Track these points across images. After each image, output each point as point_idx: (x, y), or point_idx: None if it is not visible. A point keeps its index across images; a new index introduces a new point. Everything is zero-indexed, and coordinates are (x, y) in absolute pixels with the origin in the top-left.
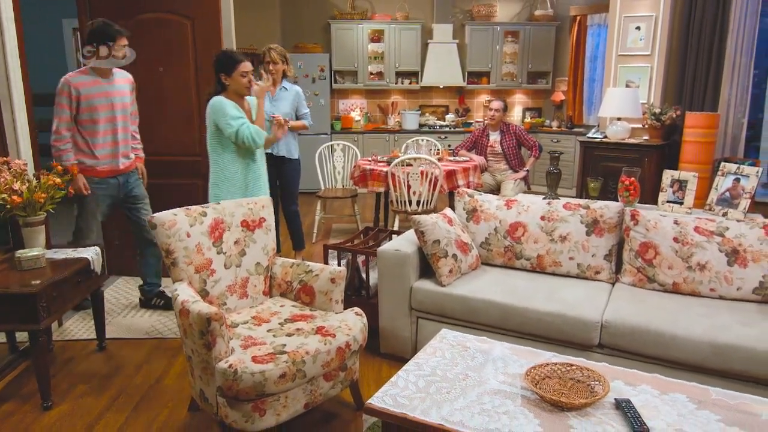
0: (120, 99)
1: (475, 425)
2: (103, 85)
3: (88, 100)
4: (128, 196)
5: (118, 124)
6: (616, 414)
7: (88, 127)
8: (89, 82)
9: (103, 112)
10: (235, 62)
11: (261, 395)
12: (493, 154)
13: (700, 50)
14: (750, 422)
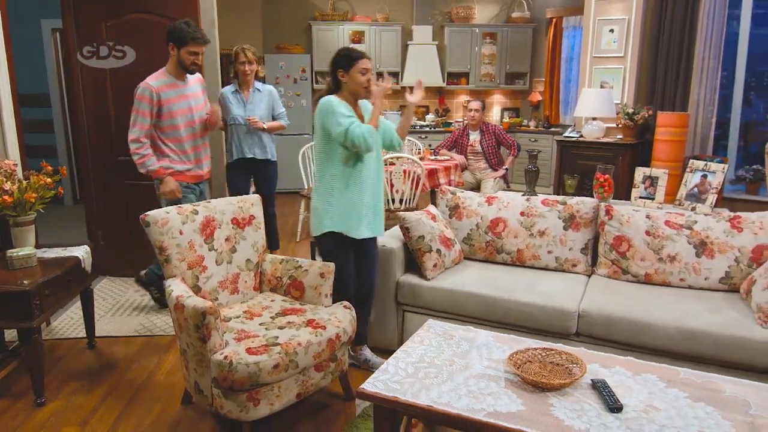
0: (195, 101)
1: (461, 406)
2: (180, 88)
3: (168, 105)
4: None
5: (196, 128)
6: (593, 393)
7: (171, 134)
8: (167, 85)
9: (182, 116)
10: (355, 58)
11: (255, 385)
12: (473, 153)
13: (671, 52)
14: (715, 398)
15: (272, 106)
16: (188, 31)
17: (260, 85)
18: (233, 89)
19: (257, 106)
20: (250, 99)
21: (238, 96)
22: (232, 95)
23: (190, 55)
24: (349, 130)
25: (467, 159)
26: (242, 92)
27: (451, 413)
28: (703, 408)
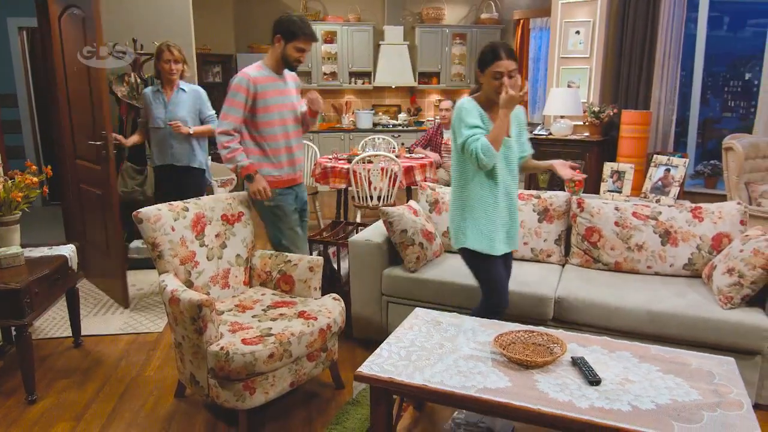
0: (289, 99)
1: (453, 384)
2: (278, 83)
3: (265, 99)
4: (300, 210)
5: (290, 127)
6: (573, 369)
7: (264, 131)
8: (265, 78)
9: (278, 113)
10: (489, 60)
11: (251, 374)
12: (447, 150)
13: (633, 53)
14: (682, 370)
15: (199, 108)
16: (300, 25)
17: (185, 85)
18: (155, 89)
19: (179, 107)
20: (173, 100)
21: (159, 96)
22: (153, 95)
23: (297, 51)
24: (466, 143)
25: (441, 156)
26: (164, 92)
27: (444, 390)
28: (673, 379)
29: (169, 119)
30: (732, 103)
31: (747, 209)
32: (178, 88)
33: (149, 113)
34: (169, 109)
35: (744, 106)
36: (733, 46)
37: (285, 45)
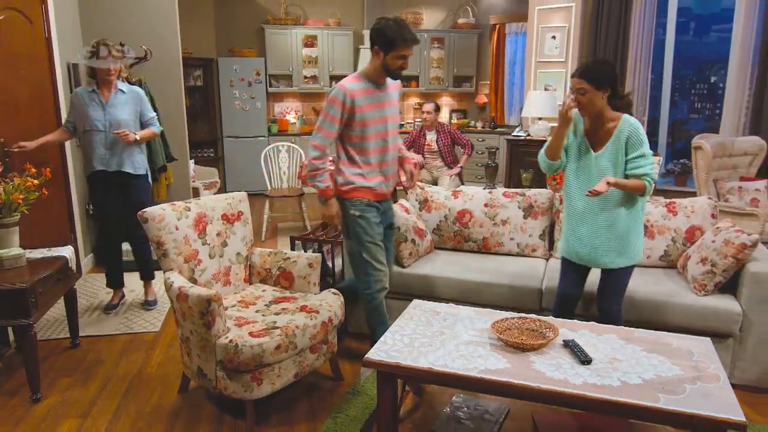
0: (391, 110)
1: (456, 366)
2: (377, 94)
3: (362, 113)
4: (388, 225)
5: (388, 140)
6: (565, 351)
7: (357, 144)
8: (363, 90)
9: (374, 126)
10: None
11: (259, 365)
12: (429, 152)
13: (607, 57)
14: (665, 350)
15: (140, 110)
16: (398, 31)
17: (124, 86)
18: (89, 89)
19: (119, 109)
20: (111, 101)
21: (95, 97)
22: (87, 96)
23: (399, 59)
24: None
25: (424, 158)
26: (101, 93)
27: (449, 372)
28: (656, 357)
29: (109, 122)
30: (698, 105)
31: (717, 204)
32: (116, 89)
33: (83, 115)
34: (108, 111)
35: (710, 107)
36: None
37: (384, 56)
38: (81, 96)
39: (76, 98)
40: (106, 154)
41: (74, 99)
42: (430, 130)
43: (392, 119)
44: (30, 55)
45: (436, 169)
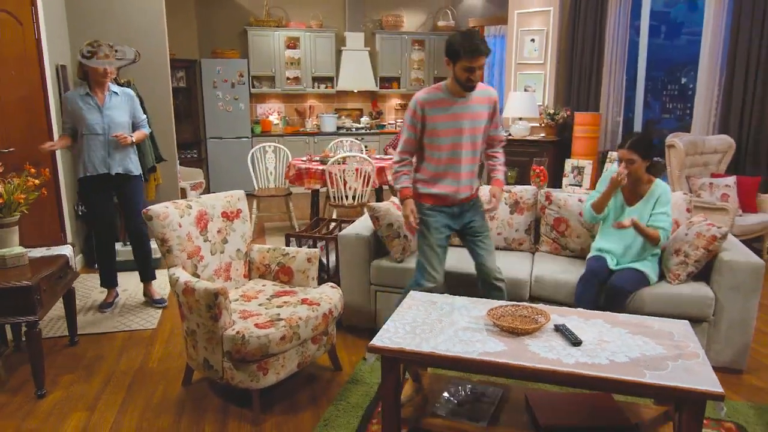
0: (471, 123)
1: (457, 350)
2: (452, 106)
3: (433, 123)
4: (466, 227)
5: (462, 152)
6: (557, 334)
7: (428, 152)
8: (437, 101)
9: (447, 137)
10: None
11: (265, 355)
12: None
13: (583, 59)
14: (648, 332)
15: (133, 112)
16: (462, 42)
17: (116, 88)
18: (83, 92)
19: (116, 111)
20: (107, 104)
21: (90, 100)
22: (81, 99)
23: (465, 71)
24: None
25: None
26: (95, 95)
27: (451, 356)
28: (641, 338)
29: (108, 124)
30: (670, 105)
31: (692, 199)
32: (109, 91)
33: (79, 119)
34: (106, 114)
35: (681, 107)
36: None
37: (453, 67)
38: (74, 100)
39: (70, 102)
40: (105, 157)
41: (68, 103)
42: None
43: (471, 131)
44: (20, 56)
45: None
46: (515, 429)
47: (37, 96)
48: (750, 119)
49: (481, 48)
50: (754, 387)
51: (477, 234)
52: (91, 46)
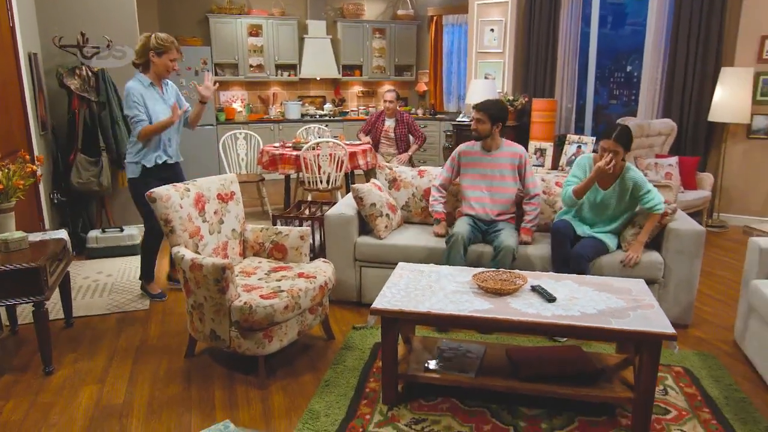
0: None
1: (450, 309)
2: (483, 157)
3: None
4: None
5: (484, 192)
6: (534, 294)
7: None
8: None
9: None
10: (600, 137)
11: (271, 324)
12: (386, 138)
13: (539, 49)
14: (610, 289)
15: (179, 101)
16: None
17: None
18: (146, 83)
19: (173, 101)
20: (167, 94)
21: (154, 91)
22: (145, 90)
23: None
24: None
25: (380, 143)
26: (156, 86)
27: (446, 314)
28: (605, 295)
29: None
30: (617, 92)
31: None
32: (163, 81)
33: (146, 110)
34: (169, 104)
35: (626, 94)
36: (615, 42)
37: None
38: (138, 92)
39: (133, 95)
40: (167, 146)
41: (138, 94)
42: (390, 117)
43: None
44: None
45: (387, 155)
46: (500, 378)
47: (13, 84)
48: (690, 104)
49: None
50: (697, 338)
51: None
52: (164, 43)
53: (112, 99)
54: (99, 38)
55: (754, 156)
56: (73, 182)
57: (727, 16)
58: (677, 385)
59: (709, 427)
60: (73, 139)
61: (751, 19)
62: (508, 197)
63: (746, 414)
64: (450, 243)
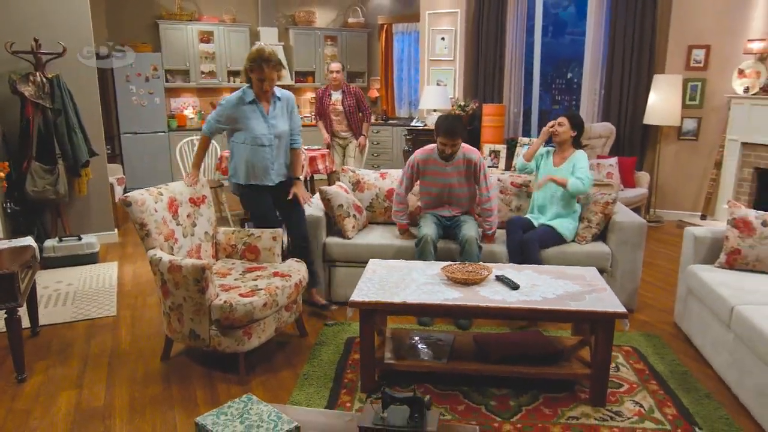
0: (456, 179)
1: (424, 299)
2: (442, 166)
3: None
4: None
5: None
6: (499, 283)
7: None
8: (430, 160)
9: (435, 188)
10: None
11: (251, 321)
12: (335, 112)
13: (488, 56)
14: (566, 276)
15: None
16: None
17: (278, 91)
18: (249, 98)
19: (279, 120)
20: (272, 113)
21: (257, 108)
22: (248, 107)
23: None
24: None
25: (331, 120)
26: (260, 103)
27: (420, 303)
28: (562, 281)
29: (273, 134)
30: (558, 98)
31: None
32: (274, 97)
33: (243, 126)
34: (270, 124)
35: (567, 99)
36: (556, 50)
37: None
38: (229, 106)
39: (231, 108)
40: (266, 169)
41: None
42: (335, 90)
43: (457, 185)
44: None
45: (341, 139)
46: (470, 362)
47: None
48: (627, 109)
49: (445, 129)
50: (642, 321)
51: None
52: (251, 60)
53: (68, 106)
54: (53, 44)
55: (684, 156)
56: (28, 190)
57: (658, 28)
58: (627, 362)
59: (657, 397)
60: (27, 146)
61: (679, 31)
62: (466, 200)
63: (688, 384)
64: (420, 245)
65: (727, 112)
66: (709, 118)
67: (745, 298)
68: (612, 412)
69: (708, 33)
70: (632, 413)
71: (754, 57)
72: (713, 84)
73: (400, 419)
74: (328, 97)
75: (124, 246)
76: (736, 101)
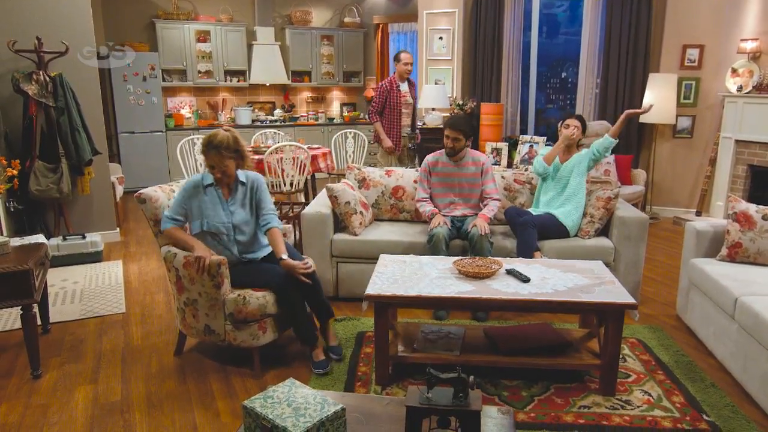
0: (466, 179)
1: (438, 292)
2: (452, 168)
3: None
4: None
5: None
6: (510, 276)
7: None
8: (440, 162)
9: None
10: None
11: (263, 315)
12: (405, 104)
13: (486, 56)
14: (575, 270)
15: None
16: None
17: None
18: (209, 181)
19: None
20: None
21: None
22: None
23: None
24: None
25: (401, 113)
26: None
27: (434, 296)
28: (572, 275)
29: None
30: (553, 97)
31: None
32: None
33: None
34: (228, 211)
35: (562, 98)
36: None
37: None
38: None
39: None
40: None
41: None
42: (402, 81)
43: (460, 185)
44: None
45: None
46: (481, 354)
47: None
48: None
49: (451, 123)
50: (645, 314)
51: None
52: (204, 145)
53: (71, 104)
54: (55, 43)
55: (679, 153)
56: (32, 189)
57: (652, 28)
58: (633, 354)
59: (664, 386)
60: (30, 145)
61: (674, 31)
62: (476, 200)
63: (694, 374)
64: (432, 242)
65: (720, 110)
66: (704, 116)
67: (748, 289)
68: (622, 401)
69: (702, 33)
70: (642, 402)
71: (747, 56)
72: (707, 83)
73: (445, 399)
74: (396, 90)
75: (126, 245)
76: (730, 99)
